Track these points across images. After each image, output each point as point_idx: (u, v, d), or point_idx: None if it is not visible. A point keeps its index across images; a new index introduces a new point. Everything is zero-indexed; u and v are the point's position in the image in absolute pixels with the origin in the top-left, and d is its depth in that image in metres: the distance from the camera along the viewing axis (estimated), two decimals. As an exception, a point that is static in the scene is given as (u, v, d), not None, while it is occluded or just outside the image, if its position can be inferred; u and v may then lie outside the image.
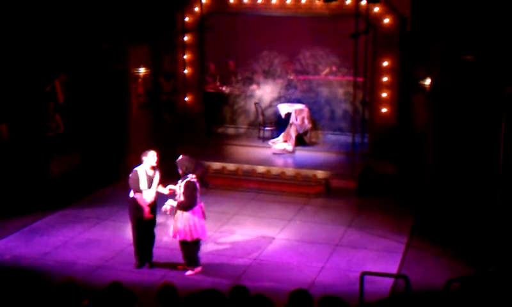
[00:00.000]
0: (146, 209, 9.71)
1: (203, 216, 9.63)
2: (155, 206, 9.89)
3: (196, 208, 9.50)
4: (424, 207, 12.35)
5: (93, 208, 12.61)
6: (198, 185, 9.51)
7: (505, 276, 8.50)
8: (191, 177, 9.44)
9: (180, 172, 9.53)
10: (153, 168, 9.76)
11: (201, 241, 9.81)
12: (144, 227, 9.83)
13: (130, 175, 9.72)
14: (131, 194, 9.77)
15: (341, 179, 13.69)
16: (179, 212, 9.49)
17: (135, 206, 9.74)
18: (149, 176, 9.71)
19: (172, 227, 9.66)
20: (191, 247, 9.63)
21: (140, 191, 9.64)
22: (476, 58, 11.62)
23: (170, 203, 9.63)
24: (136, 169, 9.72)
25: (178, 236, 9.57)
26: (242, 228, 11.71)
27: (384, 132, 14.10)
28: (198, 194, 9.52)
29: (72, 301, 5.97)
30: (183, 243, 9.61)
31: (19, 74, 12.48)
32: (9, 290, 6.41)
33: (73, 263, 10.11)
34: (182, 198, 9.45)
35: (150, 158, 9.70)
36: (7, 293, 6.33)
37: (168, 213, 9.76)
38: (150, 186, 9.71)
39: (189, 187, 9.39)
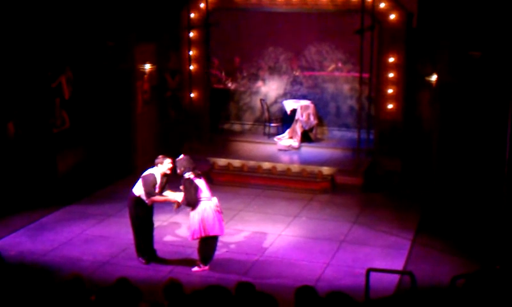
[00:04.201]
0: (170, 199, 9.77)
1: (219, 211, 9.62)
2: (153, 207, 9.92)
3: (205, 204, 9.49)
4: (430, 203, 12.34)
5: (100, 205, 12.63)
6: (202, 181, 9.53)
7: (512, 273, 8.46)
8: (188, 175, 9.46)
9: (178, 171, 9.56)
10: (165, 175, 9.78)
11: (217, 239, 9.81)
12: (146, 224, 9.86)
13: (146, 177, 9.64)
14: (136, 193, 9.72)
15: (347, 175, 13.66)
16: (190, 212, 9.56)
17: (135, 204, 9.74)
18: (161, 181, 9.76)
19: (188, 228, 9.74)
20: (204, 245, 9.64)
21: (154, 195, 9.66)
22: (483, 54, 11.58)
23: (176, 199, 9.71)
24: (152, 172, 9.68)
25: (190, 236, 9.58)
26: (248, 224, 11.71)
27: (390, 128, 14.06)
28: (207, 189, 9.54)
29: (79, 297, 6.00)
30: (199, 240, 9.64)
31: (25, 71, 12.50)
32: (15, 285, 6.44)
33: (80, 259, 10.14)
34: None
35: (165, 165, 9.70)
36: (14, 289, 6.36)
37: (174, 208, 9.86)
38: (160, 191, 9.76)
39: (186, 185, 9.44)
